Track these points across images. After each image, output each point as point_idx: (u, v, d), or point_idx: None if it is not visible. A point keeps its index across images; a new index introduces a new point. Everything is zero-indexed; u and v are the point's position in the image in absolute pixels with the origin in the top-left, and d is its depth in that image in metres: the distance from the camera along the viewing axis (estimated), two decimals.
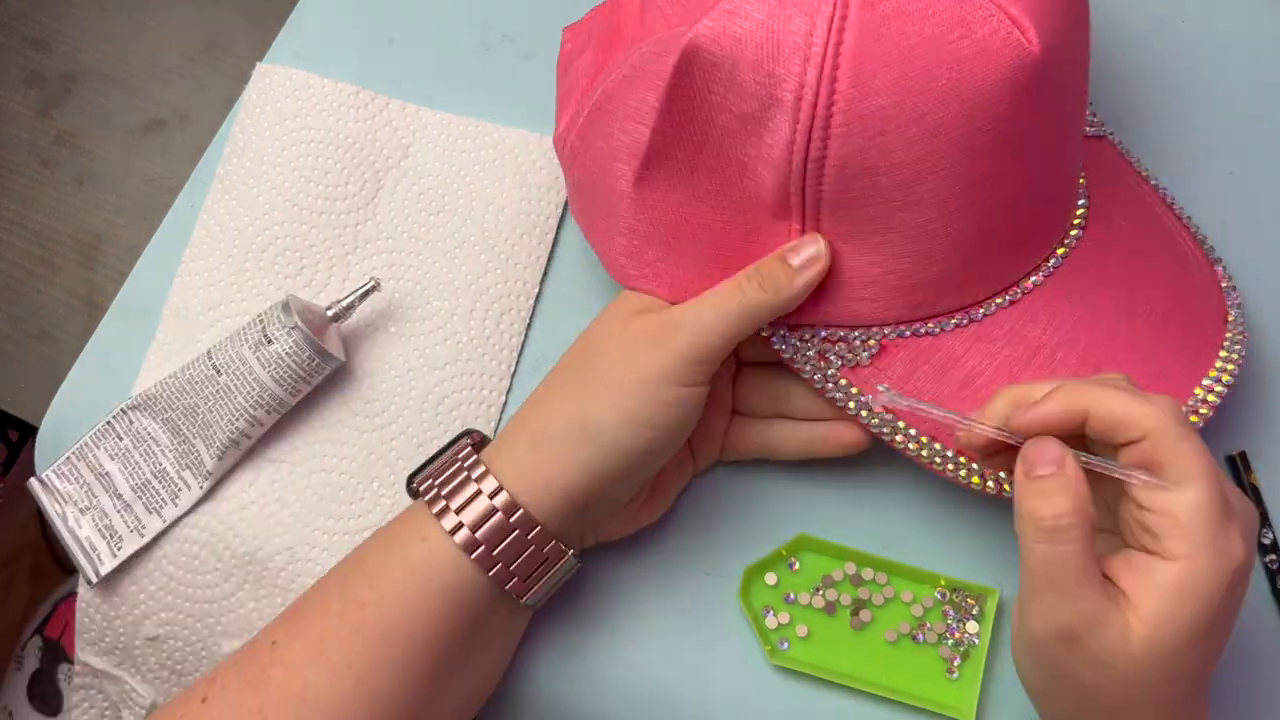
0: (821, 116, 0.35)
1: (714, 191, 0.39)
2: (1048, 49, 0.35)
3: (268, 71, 0.50)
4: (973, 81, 0.34)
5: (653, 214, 0.40)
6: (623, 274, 0.41)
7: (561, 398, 0.39)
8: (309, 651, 0.36)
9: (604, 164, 0.40)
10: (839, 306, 0.40)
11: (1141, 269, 0.41)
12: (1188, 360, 0.40)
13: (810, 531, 0.44)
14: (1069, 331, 0.40)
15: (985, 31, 0.34)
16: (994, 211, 0.37)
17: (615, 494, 0.39)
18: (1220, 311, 0.42)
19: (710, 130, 0.38)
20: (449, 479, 0.39)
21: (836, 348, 0.40)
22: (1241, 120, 0.51)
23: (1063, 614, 0.32)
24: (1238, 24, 0.52)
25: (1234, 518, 0.32)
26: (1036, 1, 0.35)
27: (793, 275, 0.38)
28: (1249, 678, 0.43)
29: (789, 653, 0.43)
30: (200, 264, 0.47)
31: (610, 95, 0.39)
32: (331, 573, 0.39)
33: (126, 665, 0.45)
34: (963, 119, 0.35)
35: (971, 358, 0.40)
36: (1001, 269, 0.40)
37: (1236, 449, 0.45)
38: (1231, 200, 0.49)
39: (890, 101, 0.35)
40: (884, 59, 0.34)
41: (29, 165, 0.56)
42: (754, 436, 0.43)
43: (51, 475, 0.45)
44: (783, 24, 0.35)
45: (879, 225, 0.38)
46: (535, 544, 0.38)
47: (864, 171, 0.36)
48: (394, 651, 0.36)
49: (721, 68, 0.36)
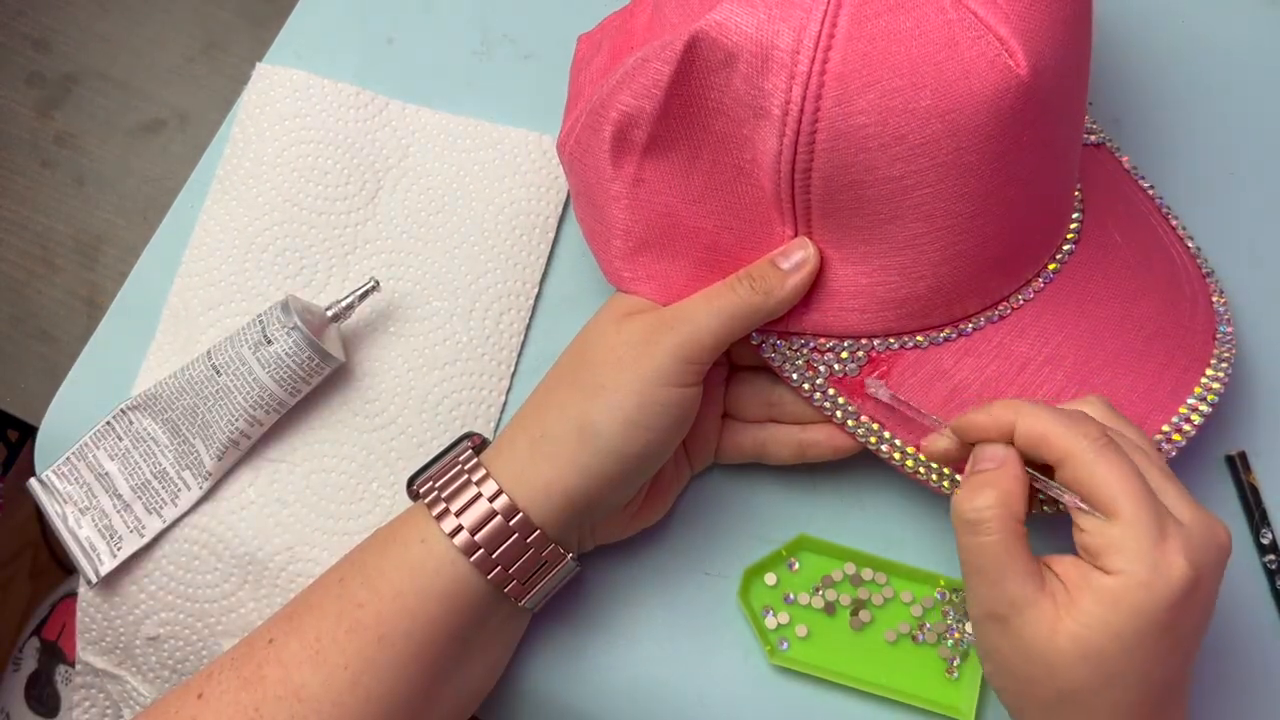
0: (806, 133, 0.35)
1: (709, 195, 0.39)
2: (1037, 73, 0.34)
3: (268, 72, 0.50)
4: (957, 103, 0.34)
5: (647, 217, 0.40)
6: (617, 277, 0.41)
7: (559, 401, 0.39)
8: (305, 651, 0.36)
9: (600, 167, 0.40)
10: (828, 316, 0.40)
11: (1133, 286, 0.41)
12: (1174, 378, 0.40)
13: (810, 532, 0.44)
14: (1056, 348, 0.40)
15: (972, 53, 0.34)
16: (983, 228, 0.37)
17: (613, 497, 0.39)
18: (1209, 327, 0.42)
19: (707, 134, 0.38)
20: (449, 482, 0.39)
21: (825, 357, 0.41)
22: (1242, 120, 0.51)
23: (989, 599, 0.34)
24: (1237, 24, 0.52)
25: (1171, 536, 0.31)
26: (1029, 25, 0.35)
27: (784, 278, 0.39)
28: (1248, 677, 0.43)
29: (789, 653, 0.43)
30: (200, 264, 0.47)
31: (608, 98, 0.39)
32: (330, 572, 0.39)
33: (127, 665, 0.45)
34: (947, 140, 0.35)
35: (959, 371, 0.40)
36: (991, 284, 0.40)
37: (1236, 449, 0.45)
38: (1231, 200, 0.49)
39: (873, 120, 0.35)
40: (868, 79, 0.34)
41: (29, 165, 0.56)
42: (747, 440, 0.43)
43: (51, 475, 0.45)
44: (771, 38, 0.35)
45: (867, 235, 0.38)
46: (534, 547, 0.38)
47: (849, 185, 0.36)
48: (390, 653, 0.36)
49: (719, 73, 0.36)
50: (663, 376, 0.37)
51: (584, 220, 0.43)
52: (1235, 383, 0.40)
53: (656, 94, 0.37)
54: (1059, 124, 0.38)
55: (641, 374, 0.38)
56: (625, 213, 0.40)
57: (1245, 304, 0.47)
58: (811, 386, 0.41)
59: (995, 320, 0.40)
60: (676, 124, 0.38)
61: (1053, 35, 0.35)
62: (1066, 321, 0.40)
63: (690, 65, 0.36)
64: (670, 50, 0.36)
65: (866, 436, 0.41)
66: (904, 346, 0.40)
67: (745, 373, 0.43)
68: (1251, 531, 0.44)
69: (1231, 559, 0.34)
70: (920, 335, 0.40)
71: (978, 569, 0.34)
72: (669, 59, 0.36)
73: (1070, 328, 0.40)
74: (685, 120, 0.38)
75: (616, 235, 0.41)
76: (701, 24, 0.35)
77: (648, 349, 0.38)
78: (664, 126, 0.38)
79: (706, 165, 0.38)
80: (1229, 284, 0.45)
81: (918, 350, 0.40)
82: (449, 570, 0.37)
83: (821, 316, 0.40)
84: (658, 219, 0.40)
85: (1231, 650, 0.43)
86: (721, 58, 0.36)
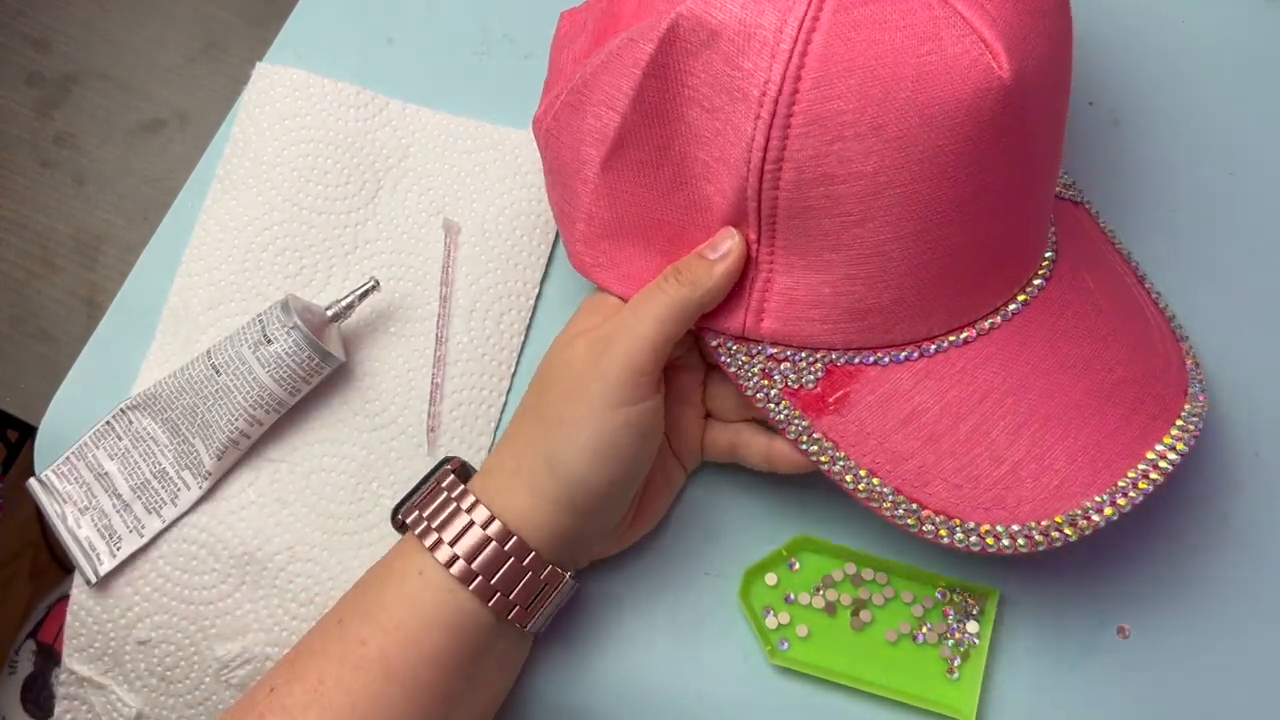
0: (782, 115, 0.35)
1: (676, 188, 0.39)
2: (1019, 78, 0.34)
3: (268, 71, 0.50)
4: (935, 99, 0.34)
5: (615, 203, 0.40)
6: (579, 261, 0.41)
7: (528, 433, 0.39)
8: (309, 695, 0.36)
9: (574, 148, 0.40)
10: (788, 325, 0.39)
11: (1104, 329, 0.40)
12: (1142, 423, 0.38)
13: (810, 532, 0.44)
14: (1021, 379, 0.38)
15: (956, 50, 0.34)
16: (953, 241, 0.36)
17: (597, 523, 0.39)
18: (1181, 383, 0.40)
19: (680, 125, 0.37)
20: (438, 510, 0.38)
21: (781, 367, 0.39)
22: (1242, 120, 0.51)
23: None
24: (1237, 24, 0.52)
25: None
26: (1013, 29, 0.34)
27: (710, 267, 0.38)
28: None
29: (789, 653, 0.43)
30: (200, 264, 0.47)
31: (588, 80, 0.38)
32: (327, 616, 0.39)
33: (114, 672, 0.44)
34: (923, 136, 0.34)
35: (918, 394, 0.38)
36: (958, 304, 0.39)
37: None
38: (1232, 200, 0.49)
39: (851, 106, 0.34)
40: (849, 63, 0.34)
41: (29, 165, 0.56)
42: (723, 440, 0.43)
43: (51, 475, 0.45)
44: (755, 17, 0.35)
45: (833, 240, 0.37)
46: (532, 570, 0.38)
47: (821, 178, 0.35)
48: (396, 688, 0.36)
49: (698, 57, 0.36)
50: (612, 398, 0.37)
51: (554, 201, 0.43)
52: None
53: (635, 74, 0.37)
54: (1037, 139, 0.37)
55: (591, 402, 0.37)
56: (592, 197, 0.40)
57: (1245, 304, 0.47)
58: (766, 397, 0.40)
59: (960, 344, 0.39)
60: (652, 110, 0.37)
61: (1037, 46, 0.35)
62: (1033, 354, 0.39)
63: (671, 45, 0.36)
64: (654, 30, 0.36)
65: (818, 455, 0.39)
66: (864, 362, 0.39)
67: (720, 371, 0.43)
68: None
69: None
70: (881, 352, 0.39)
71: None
72: (652, 38, 0.36)
73: (1036, 361, 0.39)
74: (661, 107, 0.37)
75: (581, 218, 0.40)
76: (688, 3, 0.35)
77: (593, 373, 0.37)
78: (639, 112, 0.37)
79: (676, 157, 0.38)
80: (1227, 285, 0.45)
81: (878, 367, 0.39)
82: (449, 600, 0.37)
83: (781, 325, 0.39)
84: (625, 207, 0.40)
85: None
86: (704, 37, 0.35)
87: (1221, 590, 0.44)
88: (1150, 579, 0.44)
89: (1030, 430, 0.38)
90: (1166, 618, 0.43)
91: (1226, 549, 0.44)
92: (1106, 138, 0.50)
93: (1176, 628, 0.43)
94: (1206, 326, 0.45)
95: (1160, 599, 0.44)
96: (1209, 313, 0.46)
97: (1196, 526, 0.44)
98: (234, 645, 0.43)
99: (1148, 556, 0.44)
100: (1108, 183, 0.49)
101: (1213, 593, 0.44)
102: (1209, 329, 0.45)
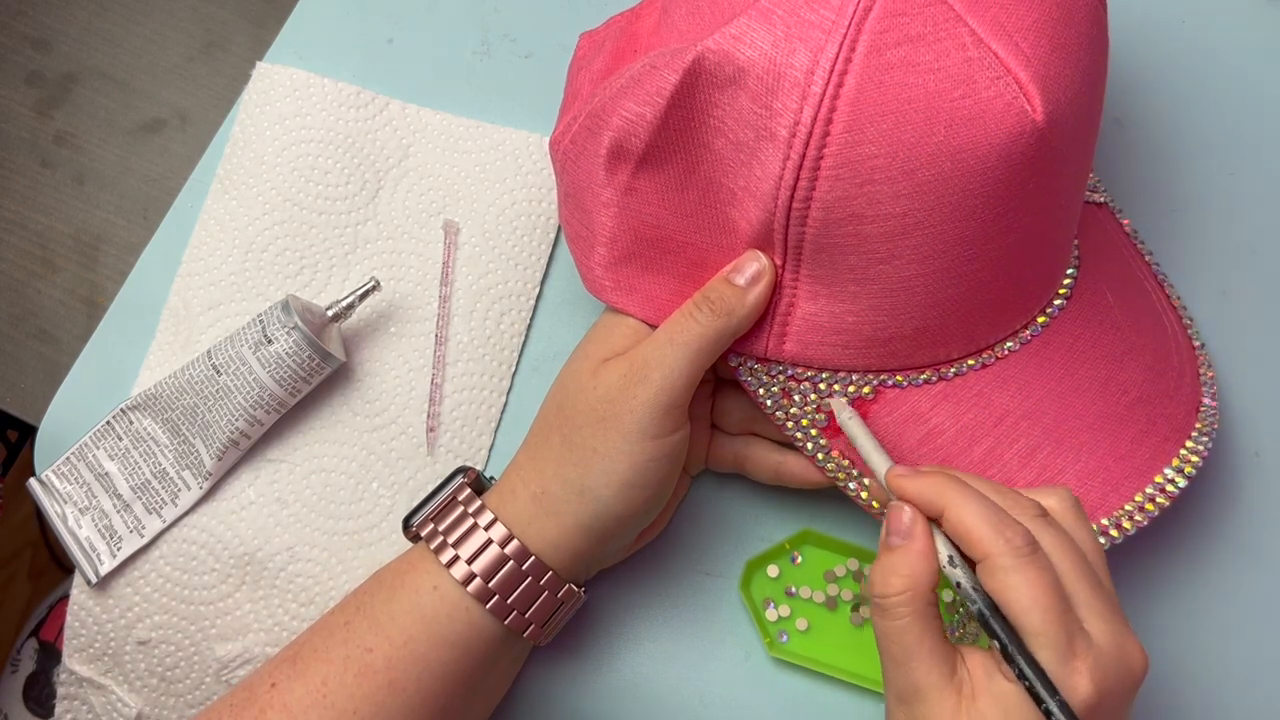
0: (812, 157, 0.34)
1: (700, 211, 0.38)
2: (1052, 120, 0.34)
3: (268, 71, 0.50)
4: (969, 143, 0.34)
5: (637, 226, 0.39)
6: (598, 286, 0.40)
7: (555, 459, 0.38)
8: (311, 696, 0.36)
9: (593, 171, 0.39)
10: (809, 349, 0.39)
11: (1120, 348, 0.40)
12: (1152, 446, 0.39)
13: (814, 527, 0.44)
14: (1037, 402, 0.39)
15: (989, 94, 0.33)
16: (976, 274, 0.36)
17: (618, 543, 0.40)
18: (1194, 399, 0.41)
19: (706, 152, 0.37)
20: (454, 525, 0.38)
21: (801, 387, 0.40)
22: (1242, 120, 0.51)
23: (896, 681, 0.33)
24: (1238, 24, 0.52)
25: (1079, 655, 0.31)
26: (1049, 73, 0.34)
27: (742, 294, 0.38)
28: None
29: (788, 646, 0.43)
30: (200, 264, 0.47)
31: (608, 104, 0.38)
32: (333, 614, 0.38)
33: (114, 672, 0.44)
34: (955, 179, 0.34)
35: (935, 415, 0.39)
36: (978, 332, 0.39)
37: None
38: (1231, 200, 0.49)
39: (882, 151, 0.34)
40: (882, 107, 0.33)
41: (29, 165, 0.56)
42: (728, 452, 0.43)
43: (51, 475, 0.45)
44: (786, 57, 0.34)
45: (858, 275, 0.37)
46: (549, 588, 0.38)
47: (849, 218, 0.35)
48: (401, 698, 0.36)
49: (724, 91, 0.35)
50: (646, 431, 0.37)
51: (569, 223, 0.42)
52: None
53: (659, 103, 0.36)
54: (1066, 176, 0.37)
55: (626, 434, 0.37)
56: (613, 220, 0.39)
57: (1245, 304, 0.47)
58: (785, 416, 0.40)
59: (978, 368, 0.39)
60: (676, 137, 0.37)
61: (1071, 86, 0.35)
62: (1050, 377, 0.39)
63: (697, 78, 0.35)
64: (679, 60, 0.35)
65: (835, 473, 0.40)
66: (883, 385, 0.39)
67: (730, 385, 0.43)
68: None
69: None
70: (900, 375, 0.39)
71: (887, 651, 0.33)
72: (676, 69, 0.35)
73: (1053, 384, 0.39)
74: (685, 134, 0.37)
75: (601, 242, 0.40)
76: (715, 38, 0.35)
77: (627, 405, 0.37)
78: (663, 138, 0.37)
79: (702, 182, 0.38)
80: (1227, 285, 0.45)
81: (896, 389, 0.39)
82: (463, 616, 0.37)
83: (803, 349, 0.39)
84: (646, 231, 0.39)
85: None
86: (731, 73, 0.35)
87: (1221, 590, 0.44)
88: (1150, 579, 0.44)
89: (1043, 454, 0.38)
90: (1166, 618, 0.43)
91: (1227, 549, 0.44)
92: (1109, 138, 0.50)
93: (1177, 628, 0.43)
94: (1206, 327, 0.45)
95: (1160, 599, 0.44)
96: (1209, 313, 0.46)
97: (1196, 527, 0.44)
98: (234, 645, 0.44)
99: (1147, 557, 0.44)
100: (1109, 183, 0.49)
101: (1213, 593, 0.44)
102: (1209, 329, 0.45)
